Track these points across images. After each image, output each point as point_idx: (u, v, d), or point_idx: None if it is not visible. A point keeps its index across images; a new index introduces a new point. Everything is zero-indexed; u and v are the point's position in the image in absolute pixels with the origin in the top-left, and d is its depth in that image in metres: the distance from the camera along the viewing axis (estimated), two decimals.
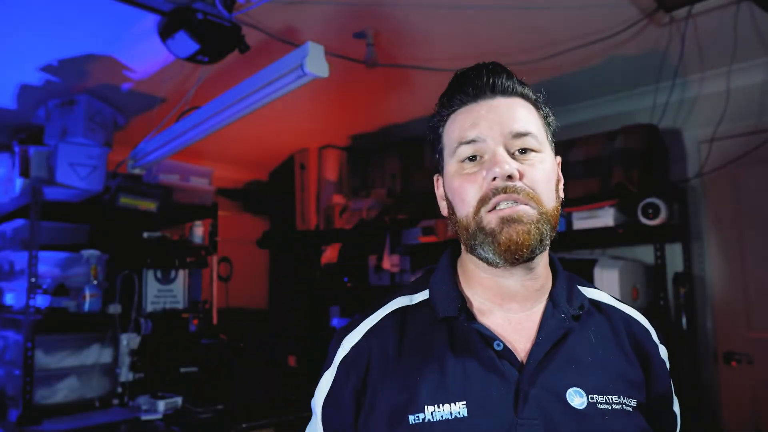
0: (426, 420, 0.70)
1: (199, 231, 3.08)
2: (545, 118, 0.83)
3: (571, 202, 2.66)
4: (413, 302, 0.83)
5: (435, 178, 0.87)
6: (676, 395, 0.84)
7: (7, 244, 2.78)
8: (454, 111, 0.81)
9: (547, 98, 0.85)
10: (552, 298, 0.80)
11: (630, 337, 0.81)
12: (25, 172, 2.57)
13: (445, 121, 0.83)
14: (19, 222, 2.61)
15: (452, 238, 0.86)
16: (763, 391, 2.45)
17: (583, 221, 2.58)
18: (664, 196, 2.45)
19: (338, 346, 0.81)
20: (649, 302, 2.61)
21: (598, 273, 2.47)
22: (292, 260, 4.00)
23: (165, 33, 1.89)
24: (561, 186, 0.85)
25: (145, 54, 2.25)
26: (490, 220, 0.74)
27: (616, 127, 2.66)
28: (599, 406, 0.72)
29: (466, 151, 0.77)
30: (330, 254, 3.74)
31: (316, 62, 1.67)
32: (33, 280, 2.36)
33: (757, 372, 2.49)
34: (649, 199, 2.42)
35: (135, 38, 2.11)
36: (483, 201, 0.74)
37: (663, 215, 2.39)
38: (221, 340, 3.03)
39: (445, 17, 2.10)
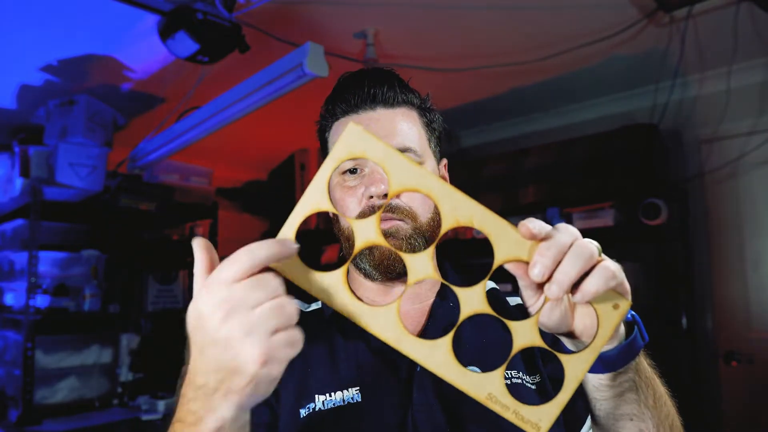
0: (317, 409, 0.70)
1: (199, 231, 3.08)
2: (429, 124, 0.85)
3: (571, 202, 2.66)
4: (307, 309, 0.85)
5: None
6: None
7: (7, 244, 2.78)
8: (337, 119, 0.83)
9: (433, 101, 0.87)
10: (440, 294, 0.83)
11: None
12: (25, 172, 2.57)
13: (330, 128, 0.85)
14: (19, 222, 2.61)
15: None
16: (763, 391, 2.45)
17: (583, 221, 2.58)
18: (664, 196, 2.44)
19: None
20: (649, 302, 2.61)
21: None
22: None
23: (165, 33, 1.89)
24: None
25: (145, 54, 2.25)
26: None
27: (616, 127, 2.66)
28: None
29: (347, 164, 0.80)
30: (330, 254, 3.74)
31: (316, 62, 1.68)
32: (33, 280, 2.36)
33: (757, 372, 2.49)
34: (649, 199, 2.42)
35: (135, 38, 2.11)
36: (361, 216, 0.77)
37: (663, 215, 2.39)
38: None
39: (445, 17, 2.10)
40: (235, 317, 0.46)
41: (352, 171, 0.80)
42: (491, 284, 0.91)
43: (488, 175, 2.96)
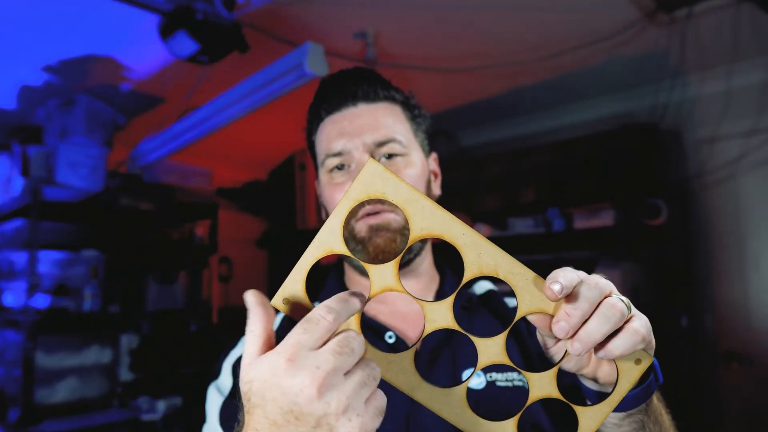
0: None
1: (199, 231, 3.08)
2: (414, 118, 0.85)
3: (571, 202, 2.66)
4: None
5: (316, 183, 0.90)
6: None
7: (7, 244, 2.77)
8: (322, 120, 0.84)
9: (416, 97, 0.87)
10: (439, 295, 0.83)
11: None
12: (25, 172, 2.57)
13: (316, 130, 0.86)
14: (19, 222, 2.61)
15: None
16: (763, 391, 2.45)
17: (583, 221, 2.58)
18: (664, 196, 2.45)
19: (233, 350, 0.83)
20: (649, 302, 2.61)
21: (599, 273, 2.46)
22: (292, 260, 4.00)
23: (165, 33, 1.89)
24: (437, 183, 0.88)
25: (145, 54, 2.25)
26: (361, 228, 0.77)
27: (616, 127, 2.66)
28: (498, 383, 0.73)
29: (334, 162, 0.80)
30: (330, 255, 3.73)
31: (316, 62, 1.68)
32: (33, 280, 2.36)
33: (757, 372, 2.49)
34: (649, 199, 2.42)
35: (135, 38, 2.11)
36: (352, 212, 0.77)
37: (663, 215, 2.39)
38: (221, 340, 3.03)
39: (445, 17, 2.10)
40: (331, 391, 0.41)
41: (339, 167, 0.80)
42: (489, 285, 0.91)
43: (488, 175, 2.96)
